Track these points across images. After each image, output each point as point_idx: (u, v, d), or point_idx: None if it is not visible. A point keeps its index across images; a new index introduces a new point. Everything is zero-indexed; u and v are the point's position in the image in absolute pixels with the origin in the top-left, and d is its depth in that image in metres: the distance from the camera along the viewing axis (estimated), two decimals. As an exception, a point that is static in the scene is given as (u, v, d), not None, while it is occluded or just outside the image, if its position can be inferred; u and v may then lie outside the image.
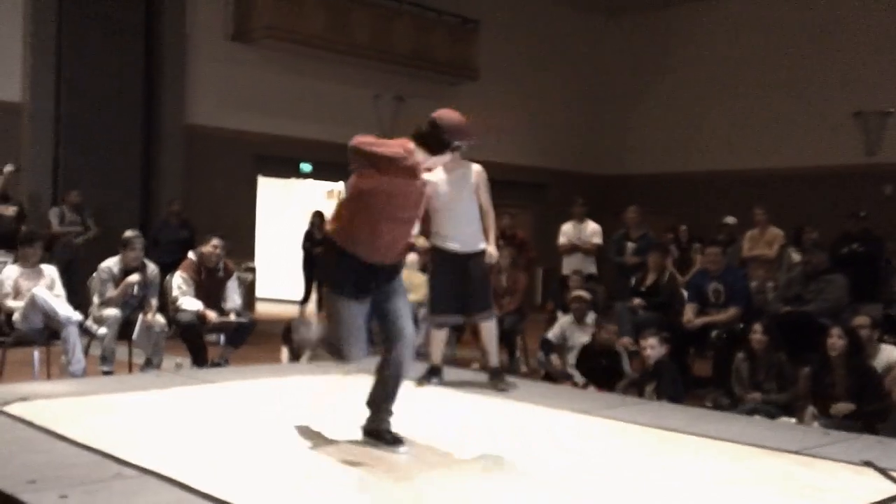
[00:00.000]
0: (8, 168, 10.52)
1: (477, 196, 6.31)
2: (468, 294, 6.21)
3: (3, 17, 11.96)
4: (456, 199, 6.18)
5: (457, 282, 6.16)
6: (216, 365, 7.78)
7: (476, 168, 6.37)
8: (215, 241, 8.07)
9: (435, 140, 4.67)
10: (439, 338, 6.54)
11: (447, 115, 4.83)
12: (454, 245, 6.18)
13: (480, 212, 6.33)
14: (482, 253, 6.27)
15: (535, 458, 4.41)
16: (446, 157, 4.84)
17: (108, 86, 12.43)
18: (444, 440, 4.75)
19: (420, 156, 4.56)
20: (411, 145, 4.58)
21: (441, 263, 6.25)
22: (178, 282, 7.97)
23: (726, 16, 17.07)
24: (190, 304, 7.83)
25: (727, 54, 16.86)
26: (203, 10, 13.65)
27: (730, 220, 11.93)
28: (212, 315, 7.87)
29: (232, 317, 8.03)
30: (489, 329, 6.45)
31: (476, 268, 6.22)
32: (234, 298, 8.20)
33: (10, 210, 10.69)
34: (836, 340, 6.24)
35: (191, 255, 8.20)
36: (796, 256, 9.88)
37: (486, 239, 6.35)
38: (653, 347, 6.94)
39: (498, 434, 4.97)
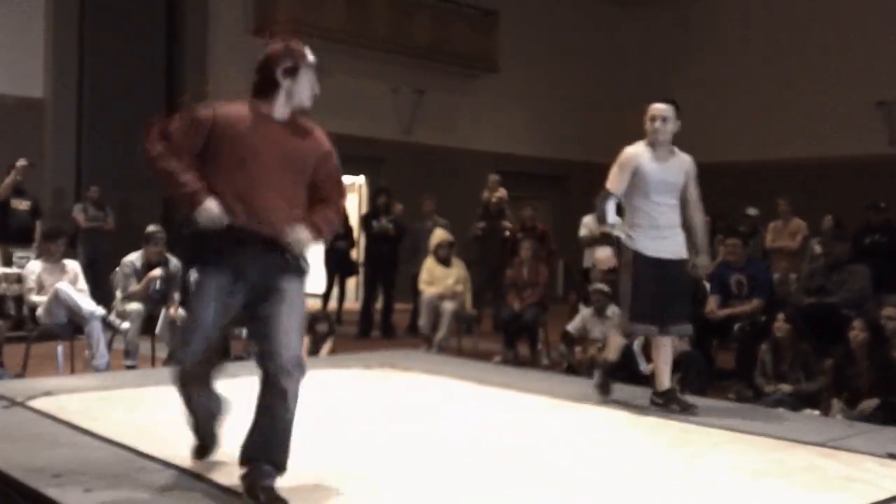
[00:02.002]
0: (21, 162, 10.55)
1: (685, 191, 5.59)
2: (668, 302, 5.43)
3: (26, 15, 12.04)
4: (667, 192, 5.47)
5: (659, 285, 5.39)
6: (239, 358, 7.79)
7: (687, 158, 5.63)
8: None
9: (264, 81, 3.82)
10: (619, 343, 5.76)
11: (266, 49, 3.91)
12: (663, 244, 5.43)
13: (687, 209, 5.60)
14: (686, 261, 5.59)
15: (557, 451, 4.40)
16: (294, 96, 3.91)
17: (129, 81, 12.50)
18: (458, 434, 4.76)
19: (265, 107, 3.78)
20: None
21: (645, 264, 5.40)
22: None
23: (746, 5, 16.95)
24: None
25: (747, 44, 16.75)
26: (224, 4, 13.70)
27: (752, 211, 11.84)
28: None
29: None
30: (670, 345, 5.71)
31: (681, 273, 5.56)
32: None
33: (24, 204, 10.72)
34: (858, 333, 6.19)
35: None
36: (819, 248, 9.80)
37: (695, 243, 5.63)
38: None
39: (517, 427, 4.96)
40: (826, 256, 8.34)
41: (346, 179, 16.82)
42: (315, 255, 15.05)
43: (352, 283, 13.49)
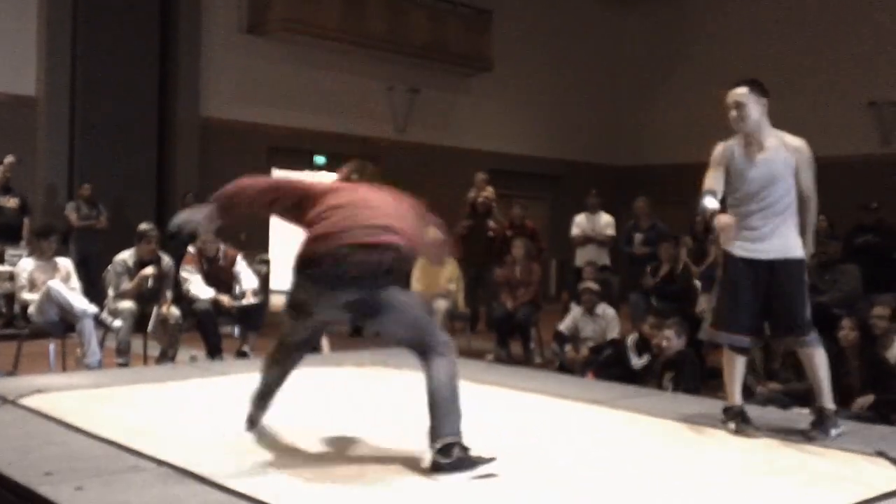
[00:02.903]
0: (8, 159, 10.52)
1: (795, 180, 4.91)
2: (773, 308, 4.81)
3: (19, 11, 12.00)
4: (763, 186, 4.83)
5: (754, 290, 4.80)
6: (243, 355, 7.79)
7: (794, 143, 4.95)
8: (202, 237, 8.09)
9: None
10: (739, 366, 4.98)
11: None
12: (760, 245, 4.81)
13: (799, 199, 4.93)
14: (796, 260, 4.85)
15: (548, 450, 4.39)
16: None
17: (122, 79, 12.46)
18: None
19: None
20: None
21: (734, 265, 4.84)
22: (184, 275, 8.00)
23: (742, 5, 16.96)
24: (203, 292, 7.84)
25: (743, 44, 16.73)
26: (218, 2, 13.66)
27: (745, 210, 11.83)
28: (225, 298, 7.88)
29: (249, 295, 8.01)
30: (815, 357, 4.86)
31: (789, 275, 4.80)
32: (247, 280, 8.18)
33: (12, 202, 10.70)
34: (848, 332, 6.21)
35: (190, 248, 8.22)
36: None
37: (802, 236, 4.92)
38: (669, 339, 6.89)
39: (510, 426, 4.94)
40: (819, 257, 8.32)
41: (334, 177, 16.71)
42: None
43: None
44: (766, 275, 4.76)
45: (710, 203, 4.77)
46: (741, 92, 4.88)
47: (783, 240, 4.81)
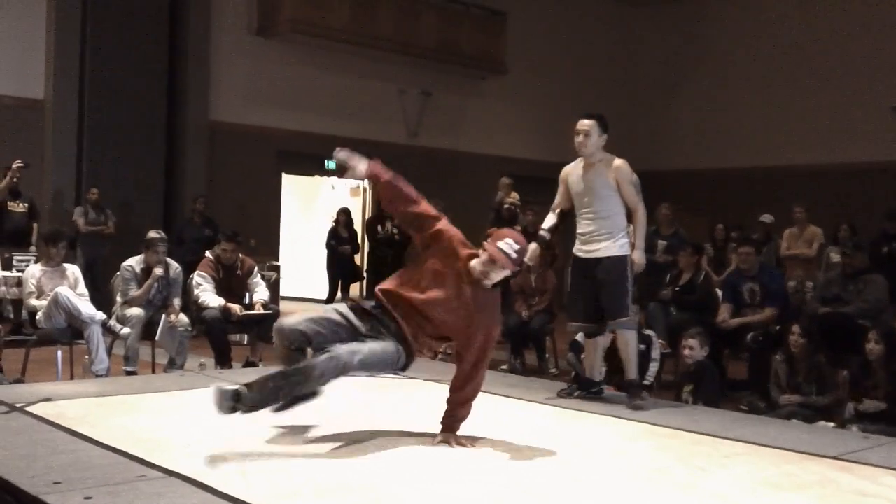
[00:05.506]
0: (17, 164, 10.48)
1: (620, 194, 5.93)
2: (601, 299, 5.91)
3: (28, 15, 11.99)
4: (589, 203, 5.97)
5: (590, 284, 5.93)
6: (251, 364, 7.72)
7: (614, 163, 6.02)
8: (224, 246, 8.04)
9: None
10: (598, 349, 6.22)
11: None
12: (586, 246, 6.00)
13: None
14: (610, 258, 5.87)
15: (564, 461, 4.33)
16: None
17: (131, 83, 12.44)
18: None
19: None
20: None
21: (573, 264, 6.16)
22: (197, 280, 7.92)
23: (760, 7, 16.81)
24: (213, 300, 7.76)
25: (761, 47, 16.60)
26: (227, 4, 13.62)
27: (766, 218, 11.68)
28: (236, 308, 7.79)
29: (259, 307, 7.94)
30: (623, 338, 6.05)
31: (606, 272, 5.88)
32: (260, 292, 8.13)
33: (21, 206, 10.68)
34: (874, 345, 6.08)
35: (208, 253, 8.17)
36: (836, 256, 9.65)
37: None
38: (692, 349, 6.75)
39: (523, 436, 4.87)
40: (845, 267, 8.14)
41: (351, 183, 16.74)
42: (319, 260, 14.76)
43: (355, 288, 13.38)
44: (590, 270, 5.88)
45: (546, 223, 6.37)
46: (589, 123, 6.03)
47: (605, 242, 5.86)
